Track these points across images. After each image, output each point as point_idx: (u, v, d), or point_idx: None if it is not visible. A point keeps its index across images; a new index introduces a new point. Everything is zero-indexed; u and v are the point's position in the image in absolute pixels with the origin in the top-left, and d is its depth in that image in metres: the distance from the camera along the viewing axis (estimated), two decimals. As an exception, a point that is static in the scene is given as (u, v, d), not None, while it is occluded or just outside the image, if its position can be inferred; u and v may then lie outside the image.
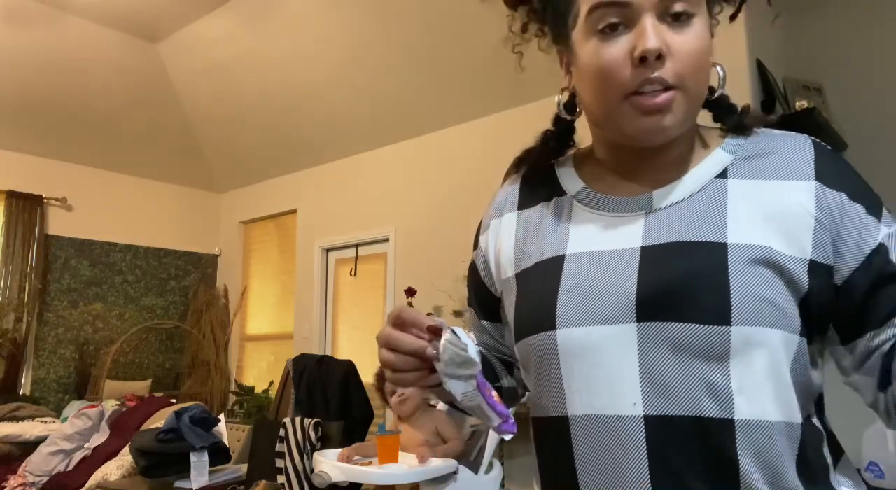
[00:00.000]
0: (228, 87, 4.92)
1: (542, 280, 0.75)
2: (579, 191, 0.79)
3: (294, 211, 5.55)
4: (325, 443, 2.66)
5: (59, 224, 5.19)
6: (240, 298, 5.89)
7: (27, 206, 4.99)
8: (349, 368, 2.99)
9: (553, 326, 0.71)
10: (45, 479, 3.44)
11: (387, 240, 4.77)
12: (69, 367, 5.10)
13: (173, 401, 3.95)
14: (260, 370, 5.65)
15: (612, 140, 0.75)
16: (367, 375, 3.04)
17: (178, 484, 2.87)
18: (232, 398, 5.33)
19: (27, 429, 3.88)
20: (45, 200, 5.10)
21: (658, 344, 0.66)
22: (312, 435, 2.67)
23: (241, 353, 5.85)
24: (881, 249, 0.68)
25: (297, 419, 2.74)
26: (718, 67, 0.74)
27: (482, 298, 0.88)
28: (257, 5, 4.23)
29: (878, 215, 0.69)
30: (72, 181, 5.27)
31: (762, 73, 2.48)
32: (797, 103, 2.69)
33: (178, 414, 2.99)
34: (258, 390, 5.15)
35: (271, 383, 5.11)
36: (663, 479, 0.65)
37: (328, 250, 5.27)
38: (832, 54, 2.90)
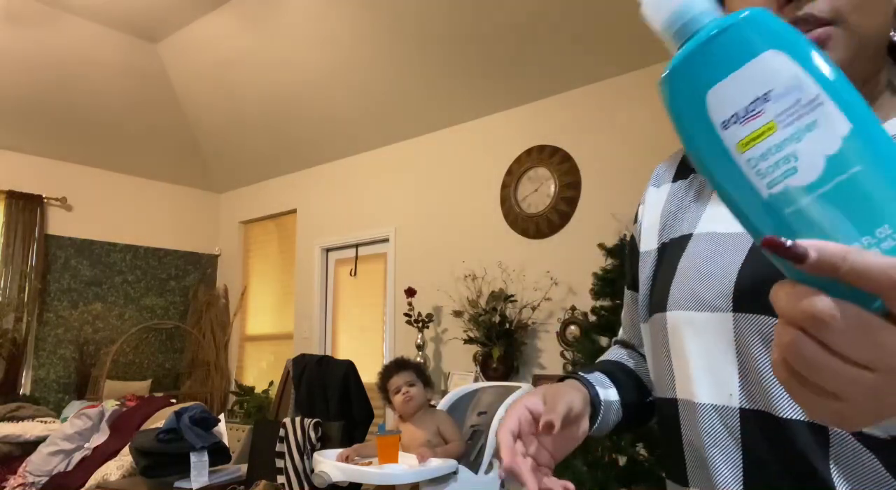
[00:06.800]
0: (228, 87, 4.92)
1: (670, 258, 0.72)
2: None
3: (294, 211, 5.55)
4: (325, 443, 2.66)
5: (59, 224, 5.19)
6: (240, 298, 5.90)
7: (27, 206, 4.99)
8: (349, 368, 2.99)
9: (665, 308, 0.69)
10: (45, 479, 3.44)
11: (387, 240, 4.77)
12: (69, 367, 5.10)
13: (173, 401, 3.94)
14: (260, 370, 5.65)
15: None
16: (367, 375, 3.05)
17: (178, 484, 2.86)
18: (232, 398, 5.33)
19: (27, 429, 3.88)
20: (45, 200, 5.10)
21: (752, 336, 0.61)
22: (312, 435, 2.67)
23: (241, 353, 5.85)
24: None
25: (297, 419, 2.74)
26: None
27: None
28: (257, 5, 4.23)
29: None
30: (72, 181, 5.28)
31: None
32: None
33: (178, 414, 2.98)
34: (258, 390, 5.15)
35: (271, 383, 5.12)
36: (754, 471, 0.62)
37: (328, 250, 5.27)
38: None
